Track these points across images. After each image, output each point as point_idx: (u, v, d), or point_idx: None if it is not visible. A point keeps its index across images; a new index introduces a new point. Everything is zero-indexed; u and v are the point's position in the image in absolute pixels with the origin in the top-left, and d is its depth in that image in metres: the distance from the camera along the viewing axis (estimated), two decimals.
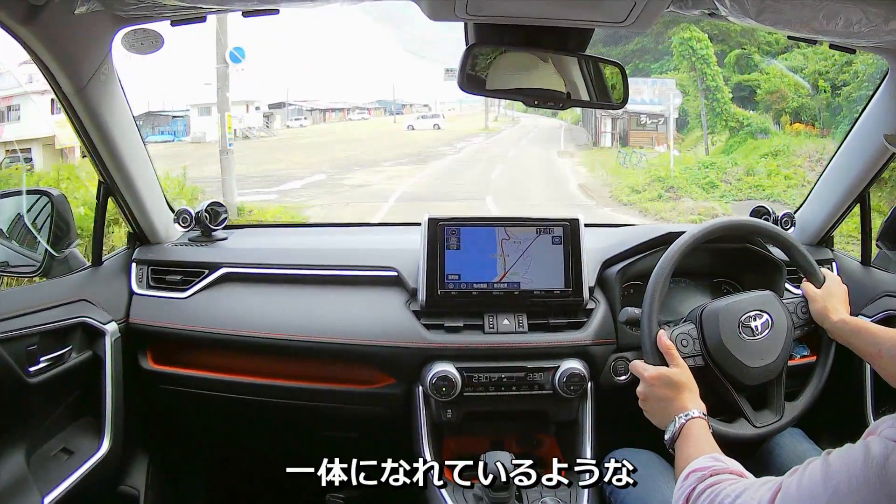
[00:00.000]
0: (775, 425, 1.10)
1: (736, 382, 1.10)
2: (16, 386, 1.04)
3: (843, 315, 1.11)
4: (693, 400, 0.99)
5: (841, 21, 1.04)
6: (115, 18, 1.05)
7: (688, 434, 0.94)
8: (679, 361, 1.04)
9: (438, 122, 27.33)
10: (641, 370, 1.05)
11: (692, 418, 0.95)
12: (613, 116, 18.23)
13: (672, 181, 11.57)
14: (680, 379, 1.01)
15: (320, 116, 33.07)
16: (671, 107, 14.99)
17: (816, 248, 1.51)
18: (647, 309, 1.10)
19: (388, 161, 16.25)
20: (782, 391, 1.12)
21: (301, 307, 1.30)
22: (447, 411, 1.24)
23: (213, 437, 1.54)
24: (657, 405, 1.01)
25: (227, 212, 1.43)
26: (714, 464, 0.83)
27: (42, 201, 1.23)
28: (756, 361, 1.09)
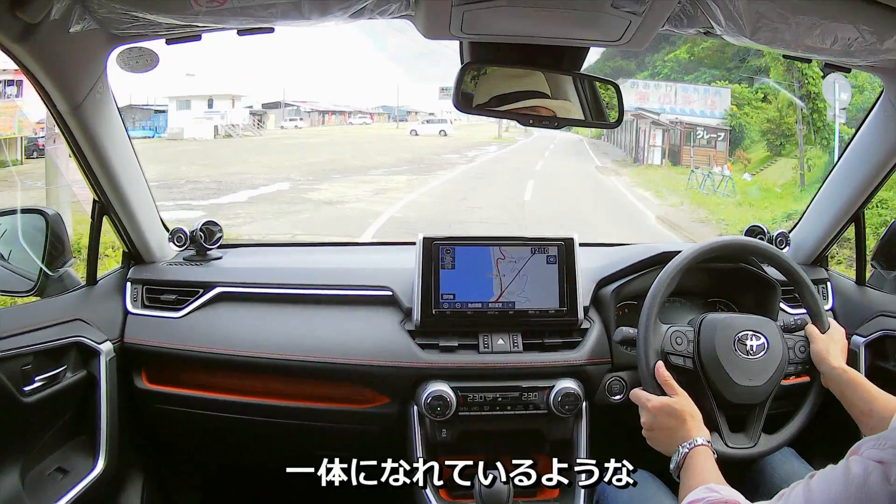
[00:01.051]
0: (746, 451, 1.09)
1: (719, 396, 1.09)
2: (10, 405, 1.04)
3: (842, 364, 1.09)
4: (697, 428, 1.00)
5: (836, 40, 1.04)
6: (110, 37, 1.05)
7: (691, 463, 0.95)
8: (678, 390, 1.05)
9: (445, 128, 25.26)
10: (644, 401, 1.05)
11: (696, 447, 0.96)
12: (664, 128, 16.73)
13: None
14: (683, 408, 1.02)
15: (319, 118, 32.36)
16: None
17: (811, 267, 1.51)
18: (643, 333, 1.10)
19: (381, 169, 13.66)
20: (762, 420, 1.11)
21: (296, 326, 1.30)
22: (442, 430, 1.24)
23: (207, 456, 1.54)
24: (662, 434, 1.02)
25: (221, 231, 1.43)
26: (708, 495, 0.84)
27: (37, 220, 1.23)
28: (744, 380, 1.08)
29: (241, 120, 24.22)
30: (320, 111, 33.11)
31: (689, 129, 16.17)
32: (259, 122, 26.24)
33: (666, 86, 20.09)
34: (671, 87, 20.01)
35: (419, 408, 1.23)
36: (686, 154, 15.85)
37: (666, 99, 19.37)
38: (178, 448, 1.49)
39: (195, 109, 22.60)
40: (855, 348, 1.33)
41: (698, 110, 17.48)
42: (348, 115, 35.87)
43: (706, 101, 17.82)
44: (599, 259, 1.39)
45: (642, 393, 1.07)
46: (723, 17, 0.99)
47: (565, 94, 1.16)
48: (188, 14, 0.96)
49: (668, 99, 19.39)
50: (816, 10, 0.97)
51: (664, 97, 19.46)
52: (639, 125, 18.35)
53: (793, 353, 1.13)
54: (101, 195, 1.24)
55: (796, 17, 0.98)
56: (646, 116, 17.39)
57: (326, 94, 37.69)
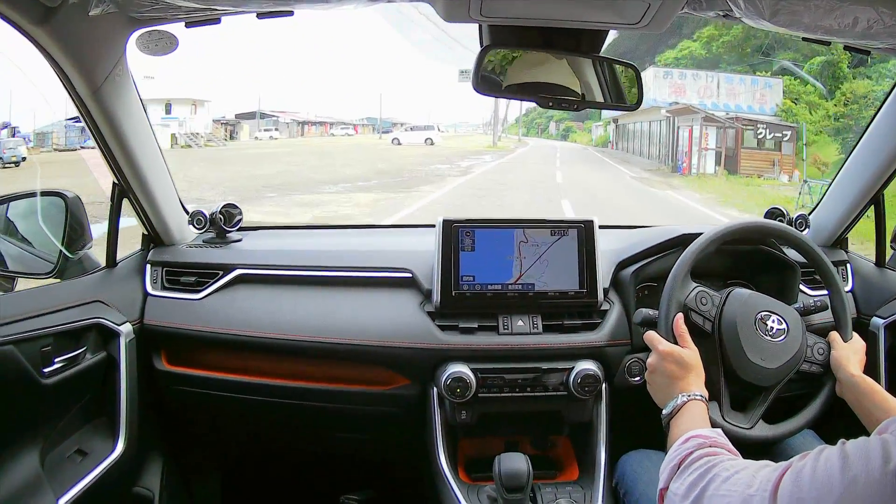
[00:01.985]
0: (740, 431, 1.08)
1: (728, 368, 1.09)
2: (30, 387, 1.04)
3: (860, 372, 1.09)
4: (698, 383, 0.99)
5: (856, 22, 1.04)
6: (129, 20, 1.05)
7: (686, 412, 0.94)
8: (690, 345, 1.05)
9: (432, 136, 22.96)
10: (656, 342, 1.05)
11: (694, 399, 0.95)
12: (720, 125, 13.67)
13: None
14: (690, 361, 1.02)
15: (298, 130, 31.30)
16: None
17: (831, 249, 1.51)
18: (669, 287, 1.10)
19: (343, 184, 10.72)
20: (763, 408, 1.11)
21: (315, 308, 1.30)
22: (462, 412, 1.24)
23: (227, 437, 1.54)
24: (663, 380, 1.02)
25: (241, 213, 1.43)
26: (717, 437, 0.83)
27: (57, 203, 1.23)
28: (756, 358, 1.08)
29: (204, 128, 21.76)
30: (300, 122, 32.22)
31: (748, 127, 13.38)
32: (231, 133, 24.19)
33: (707, 76, 16.91)
34: (713, 77, 16.79)
35: (439, 389, 1.23)
36: (746, 159, 13.09)
37: (707, 92, 16.63)
38: (197, 430, 1.49)
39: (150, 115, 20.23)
40: (875, 330, 1.34)
41: (745, 105, 15.15)
42: (329, 125, 35.03)
43: (754, 95, 15.38)
44: (619, 241, 1.40)
45: (655, 335, 1.07)
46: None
47: (586, 77, 1.17)
48: None
49: (708, 92, 16.64)
50: None
51: (705, 90, 16.77)
52: (677, 123, 15.65)
53: (811, 352, 1.13)
54: (120, 178, 1.24)
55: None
56: (693, 111, 14.61)
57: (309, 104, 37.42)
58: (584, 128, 45.13)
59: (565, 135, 47.29)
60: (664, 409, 0.98)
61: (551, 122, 54.69)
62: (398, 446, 1.45)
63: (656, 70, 18.21)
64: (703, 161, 13.78)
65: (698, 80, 17.28)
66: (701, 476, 0.75)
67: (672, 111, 16.42)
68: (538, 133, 55.73)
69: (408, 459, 1.39)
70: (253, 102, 26.72)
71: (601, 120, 35.67)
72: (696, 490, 0.74)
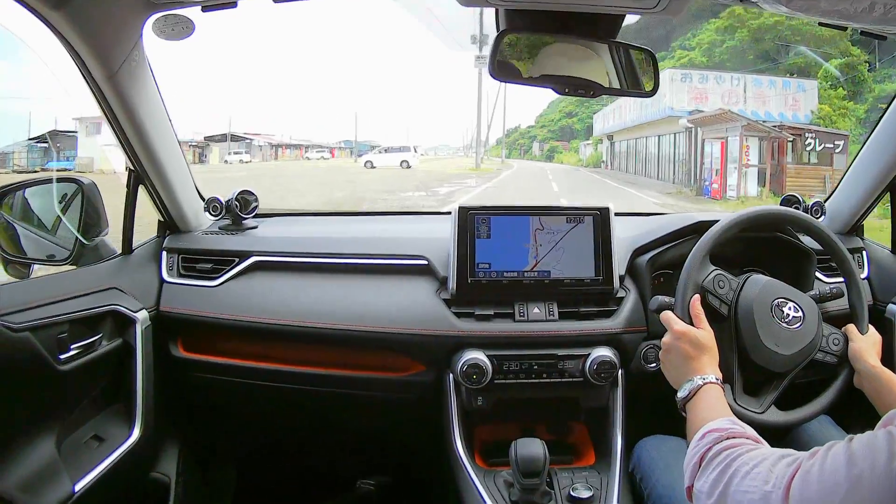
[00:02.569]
0: (751, 414, 1.07)
1: (742, 352, 1.09)
2: (46, 374, 1.04)
3: (878, 363, 1.09)
4: (712, 365, 0.99)
5: (873, 6, 1.04)
6: (146, 4, 1.05)
7: (703, 396, 0.93)
8: (706, 325, 1.04)
9: (408, 157, 21.06)
10: (672, 323, 1.05)
11: (709, 382, 0.95)
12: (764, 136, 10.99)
13: None
14: (705, 341, 1.01)
15: (272, 153, 30.39)
16: None
17: (847, 236, 1.51)
18: (687, 269, 1.10)
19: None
20: (775, 395, 1.11)
21: (331, 295, 1.30)
22: (478, 399, 1.24)
23: (243, 424, 1.54)
24: (677, 360, 1.01)
25: (257, 200, 1.43)
26: (732, 426, 0.83)
27: (72, 189, 1.23)
28: (770, 343, 1.08)
29: None
30: (273, 145, 31.41)
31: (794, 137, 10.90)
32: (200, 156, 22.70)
33: (732, 78, 14.51)
34: (738, 79, 14.34)
35: (455, 376, 1.23)
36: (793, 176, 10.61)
37: (732, 97, 14.19)
38: (213, 416, 1.49)
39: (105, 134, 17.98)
40: (891, 316, 1.34)
41: (775, 112, 13.01)
42: (305, 149, 34.26)
43: (786, 100, 13.25)
44: (635, 228, 1.39)
45: (671, 315, 1.06)
46: None
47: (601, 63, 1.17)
48: None
49: (734, 97, 14.19)
50: None
51: (729, 95, 14.30)
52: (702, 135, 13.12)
53: (825, 342, 1.12)
54: (136, 164, 1.24)
55: None
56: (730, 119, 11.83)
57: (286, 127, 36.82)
58: (571, 147, 43.45)
59: (550, 155, 45.98)
60: (679, 391, 0.97)
61: (535, 142, 53.51)
62: (414, 432, 1.45)
63: (672, 72, 15.55)
64: (743, 181, 11.07)
65: (722, 83, 14.76)
66: (722, 472, 0.75)
67: (696, 121, 13.71)
68: (521, 154, 54.36)
69: (424, 445, 1.39)
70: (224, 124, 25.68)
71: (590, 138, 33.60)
72: (719, 487, 0.75)
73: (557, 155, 44.23)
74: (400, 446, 1.56)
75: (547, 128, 53.21)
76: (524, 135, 59.69)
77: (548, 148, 48.41)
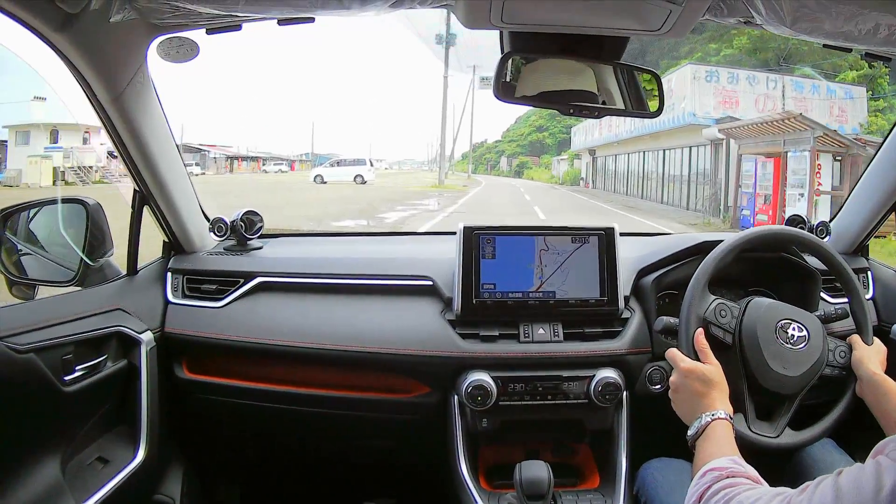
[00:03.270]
0: (767, 440, 1.08)
1: (751, 378, 1.09)
2: (51, 395, 1.04)
3: (881, 372, 1.09)
4: (722, 400, 0.99)
5: (878, 29, 1.04)
6: (150, 26, 1.05)
7: (711, 434, 0.94)
8: (712, 360, 1.05)
9: (363, 172, 19.21)
10: (679, 360, 1.05)
11: (718, 419, 0.95)
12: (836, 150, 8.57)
13: None
14: (713, 377, 1.02)
15: (226, 165, 29.50)
16: None
17: (852, 256, 1.51)
18: (687, 302, 1.10)
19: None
20: (788, 415, 1.11)
21: (336, 316, 1.30)
22: (482, 420, 1.23)
23: (248, 445, 1.54)
24: (687, 398, 1.02)
25: (262, 220, 1.44)
26: (732, 466, 0.84)
27: (78, 210, 1.23)
28: (778, 367, 1.08)
29: (97, 161, 16.94)
30: (229, 157, 30.69)
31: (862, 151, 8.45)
32: None
33: (768, 79, 12.07)
34: (776, 81, 11.80)
35: (459, 397, 1.23)
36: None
37: (768, 102, 11.85)
38: (218, 438, 1.49)
39: (35, 144, 15.55)
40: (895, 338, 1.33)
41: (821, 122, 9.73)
42: (262, 161, 33.68)
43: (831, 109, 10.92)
44: (640, 249, 1.39)
45: (677, 353, 1.07)
46: (763, 6, 0.99)
47: (606, 84, 1.17)
48: (228, 3, 0.96)
49: (769, 102, 11.83)
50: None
51: (765, 99, 11.94)
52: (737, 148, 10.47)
53: (832, 356, 1.13)
54: (141, 185, 1.24)
55: (837, 5, 0.98)
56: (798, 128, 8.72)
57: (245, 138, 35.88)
58: (542, 163, 42.26)
59: (519, 171, 44.84)
60: (689, 429, 0.98)
61: (502, 157, 52.37)
62: (419, 454, 1.45)
63: (695, 69, 12.71)
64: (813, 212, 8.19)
65: (755, 84, 12.19)
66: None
67: (730, 130, 10.74)
68: (488, 169, 53.20)
69: (428, 467, 1.39)
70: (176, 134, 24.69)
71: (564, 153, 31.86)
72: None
73: (527, 171, 43.14)
74: (404, 468, 1.56)
75: (516, 142, 52.09)
76: (491, 149, 58.60)
77: (517, 163, 47.22)
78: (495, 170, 52.28)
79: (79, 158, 16.33)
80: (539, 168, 41.46)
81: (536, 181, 22.24)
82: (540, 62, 1.15)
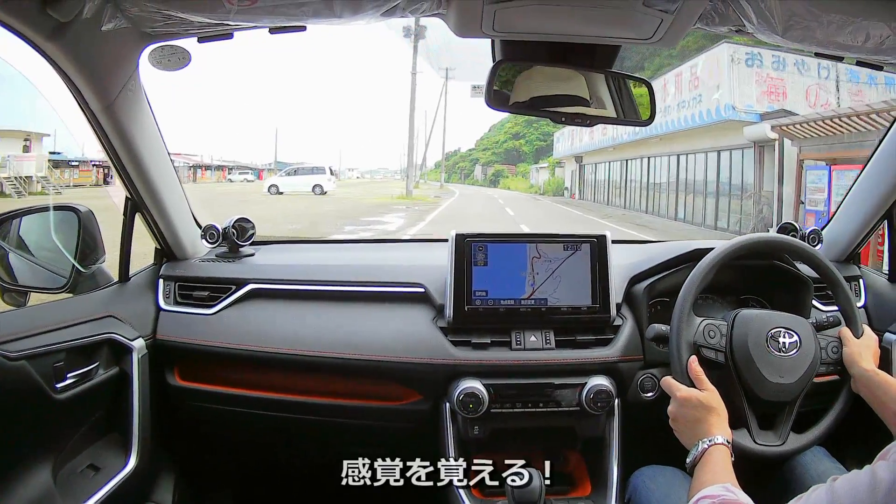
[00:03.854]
0: (774, 450, 1.09)
1: (750, 392, 1.10)
2: (43, 402, 1.04)
3: (874, 367, 1.10)
4: (720, 425, 1.00)
5: (868, 38, 1.04)
6: (142, 35, 1.05)
7: (708, 460, 0.95)
8: (708, 386, 1.05)
9: (322, 181, 17.57)
10: (675, 390, 1.06)
11: (715, 444, 0.96)
12: None
13: None
14: (710, 403, 1.02)
15: (189, 174, 28.42)
16: None
17: (843, 264, 1.51)
18: (676, 326, 1.11)
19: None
20: (791, 419, 1.11)
21: (328, 323, 1.30)
22: (474, 428, 1.24)
23: (240, 452, 1.54)
24: (686, 426, 1.02)
25: (254, 227, 1.44)
26: (725, 494, 0.84)
27: (69, 217, 1.23)
28: (775, 377, 1.09)
29: (38, 171, 15.24)
30: (193, 166, 29.70)
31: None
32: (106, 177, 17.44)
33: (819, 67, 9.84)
34: (829, 69, 9.65)
35: (451, 405, 1.23)
36: None
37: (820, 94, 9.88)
38: (210, 445, 1.49)
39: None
40: (888, 345, 1.33)
41: None
42: (228, 170, 32.94)
43: None
44: (632, 256, 1.39)
45: (673, 382, 1.07)
46: (754, 15, 0.99)
47: (598, 92, 1.17)
48: (220, 12, 0.96)
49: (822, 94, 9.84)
50: (848, 8, 0.97)
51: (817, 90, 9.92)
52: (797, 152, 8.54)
53: (825, 354, 1.13)
54: (133, 192, 1.24)
55: (828, 14, 0.99)
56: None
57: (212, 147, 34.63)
58: (519, 172, 40.51)
59: (495, 180, 42.94)
60: (688, 456, 0.98)
61: (477, 165, 50.21)
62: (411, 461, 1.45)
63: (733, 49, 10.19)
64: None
65: (806, 72, 10.02)
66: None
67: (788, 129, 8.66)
68: (461, 178, 51.05)
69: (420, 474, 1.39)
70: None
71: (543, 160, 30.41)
72: None
73: (503, 180, 41.47)
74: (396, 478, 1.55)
75: (490, 150, 50.29)
76: (465, 157, 56.59)
77: (492, 172, 45.49)
78: (469, 179, 50.41)
79: (16, 168, 14.39)
80: (516, 177, 39.98)
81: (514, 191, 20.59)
82: (532, 70, 1.15)
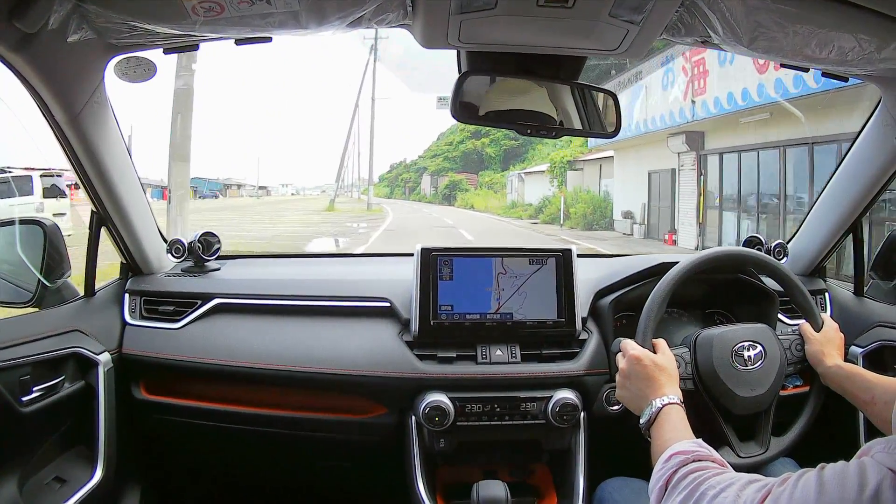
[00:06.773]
0: (759, 458, 1.09)
1: (724, 411, 1.09)
2: (8, 415, 1.04)
3: (838, 360, 1.10)
4: (672, 386, 0.97)
5: (834, 49, 1.04)
6: (108, 46, 1.05)
7: (665, 419, 0.92)
8: (666, 352, 1.04)
9: (18, 206, 9.75)
10: (629, 348, 1.03)
11: (671, 403, 0.93)
12: None
13: None
14: (663, 363, 1.00)
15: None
16: None
17: (809, 278, 1.51)
18: (642, 326, 1.09)
19: None
20: (769, 425, 1.11)
21: (294, 338, 1.30)
22: (440, 441, 1.24)
23: (206, 466, 1.54)
24: (636, 384, 0.99)
25: (219, 242, 1.43)
26: (698, 450, 0.81)
27: (35, 231, 1.23)
28: (746, 391, 1.08)
29: None
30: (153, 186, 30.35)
31: None
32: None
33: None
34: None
35: (417, 418, 1.23)
36: None
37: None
38: (176, 458, 1.49)
39: None
40: (853, 359, 1.33)
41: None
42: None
43: None
44: (598, 270, 1.39)
45: (628, 341, 1.05)
46: (720, 26, 0.99)
47: (564, 104, 1.17)
48: (186, 24, 0.96)
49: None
50: (814, 20, 0.97)
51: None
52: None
53: (790, 353, 1.13)
54: (99, 206, 1.24)
55: (794, 26, 0.98)
56: None
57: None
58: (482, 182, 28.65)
59: (450, 195, 30.69)
60: (641, 417, 0.96)
61: (424, 175, 36.71)
62: (377, 475, 1.45)
63: None
64: None
65: None
66: (689, 495, 0.74)
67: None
68: (406, 193, 39.42)
69: (387, 488, 1.39)
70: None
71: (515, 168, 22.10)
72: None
73: (461, 194, 29.56)
74: (362, 488, 1.56)
75: (442, 155, 36.67)
76: (409, 167, 43.80)
77: (445, 184, 32.20)
78: (414, 193, 38.46)
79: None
80: (481, 190, 28.54)
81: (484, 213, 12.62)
82: (497, 82, 1.14)
